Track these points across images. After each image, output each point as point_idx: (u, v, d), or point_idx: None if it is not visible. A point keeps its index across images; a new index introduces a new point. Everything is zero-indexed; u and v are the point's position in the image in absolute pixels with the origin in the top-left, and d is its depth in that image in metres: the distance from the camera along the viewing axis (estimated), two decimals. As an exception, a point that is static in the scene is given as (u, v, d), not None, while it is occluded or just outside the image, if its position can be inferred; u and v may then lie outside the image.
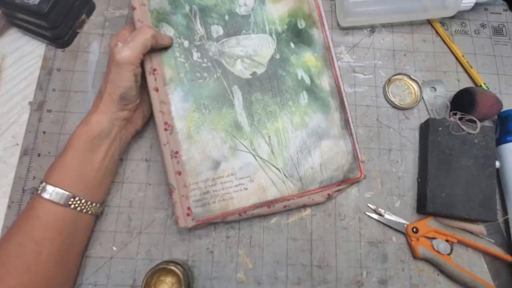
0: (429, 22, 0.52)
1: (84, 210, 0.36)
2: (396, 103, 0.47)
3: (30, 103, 0.45)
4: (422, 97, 0.48)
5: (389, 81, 0.48)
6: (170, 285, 0.36)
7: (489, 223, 0.42)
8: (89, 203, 0.36)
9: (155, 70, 0.38)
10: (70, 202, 0.35)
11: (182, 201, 0.38)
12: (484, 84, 0.48)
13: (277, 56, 0.41)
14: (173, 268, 0.35)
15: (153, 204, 0.42)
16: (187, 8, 0.40)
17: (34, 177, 0.42)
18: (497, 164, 0.42)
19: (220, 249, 0.41)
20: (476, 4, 0.49)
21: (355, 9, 0.48)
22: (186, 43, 0.39)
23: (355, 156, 0.42)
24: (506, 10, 0.54)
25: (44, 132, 0.44)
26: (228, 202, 0.38)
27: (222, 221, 0.39)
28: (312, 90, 0.42)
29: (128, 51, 0.34)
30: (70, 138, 0.36)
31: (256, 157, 0.39)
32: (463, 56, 0.49)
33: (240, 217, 0.39)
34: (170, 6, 0.40)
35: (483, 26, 0.53)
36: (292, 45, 0.42)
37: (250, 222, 0.42)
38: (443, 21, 0.52)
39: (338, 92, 0.43)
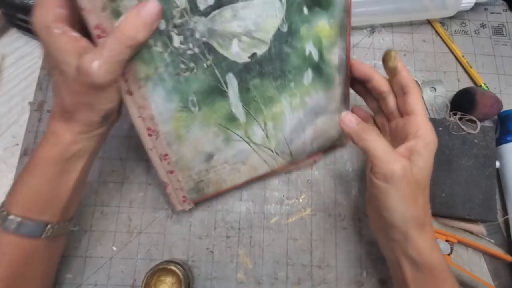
0: (429, 22, 0.52)
1: (58, 235, 0.31)
2: (396, 103, 0.47)
3: (30, 103, 0.45)
4: (422, 97, 0.48)
5: (389, 81, 0.48)
6: (170, 285, 0.36)
7: (489, 223, 0.42)
8: (61, 225, 0.31)
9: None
10: (41, 232, 0.29)
11: (176, 193, 0.38)
12: (484, 84, 0.48)
13: (284, 29, 0.32)
14: (173, 268, 0.35)
15: (153, 204, 0.42)
16: None
17: (34, 177, 0.42)
18: (497, 164, 0.42)
19: (220, 249, 0.41)
20: (476, 4, 0.49)
21: (355, 9, 0.48)
22: (162, 24, 0.27)
23: None
24: (506, 10, 0.54)
25: (44, 133, 0.44)
26: (221, 184, 0.39)
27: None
28: (318, 67, 0.35)
29: (110, 68, 0.24)
30: (33, 159, 0.29)
31: (250, 143, 0.38)
32: (463, 56, 0.49)
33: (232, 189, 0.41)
34: None
35: (483, 26, 0.53)
36: (305, 10, 0.32)
37: (250, 222, 0.42)
38: (443, 21, 0.52)
39: (346, 65, 0.37)
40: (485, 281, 0.40)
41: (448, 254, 0.40)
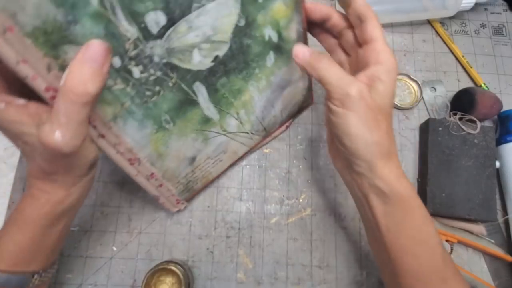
0: (429, 22, 0.52)
1: (45, 281, 0.30)
2: (396, 103, 0.47)
3: (30, 103, 0.45)
4: (422, 97, 0.48)
5: (389, 81, 0.48)
6: (170, 285, 0.36)
7: (489, 223, 0.42)
8: (48, 271, 0.30)
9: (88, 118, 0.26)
10: (29, 282, 0.28)
11: (169, 199, 0.38)
12: (484, 84, 0.48)
13: (242, 23, 0.30)
14: (173, 268, 0.35)
15: (153, 204, 0.42)
16: (94, 1, 0.21)
17: (34, 177, 0.42)
18: (497, 164, 0.42)
19: (220, 249, 0.41)
20: (476, 4, 0.49)
21: (355, 9, 0.48)
22: (116, 61, 0.24)
23: (309, 87, 0.43)
24: (506, 10, 0.54)
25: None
26: (208, 176, 0.41)
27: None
28: (279, 46, 0.35)
29: (75, 133, 0.22)
30: (21, 215, 0.27)
31: (227, 134, 0.38)
32: (463, 56, 0.49)
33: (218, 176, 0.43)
34: (62, 11, 0.20)
35: (483, 26, 0.53)
36: None
37: (250, 222, 0.42)
38: (443, 21, 0.52)
39: (303, 36, 0.36)
40: (485, 281, 0.40)
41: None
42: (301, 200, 0.44)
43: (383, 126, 0.28)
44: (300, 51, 0.30)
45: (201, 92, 0.32)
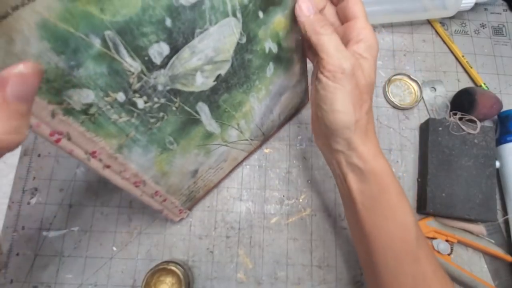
0: (429, 22, 0.52)
1: None
2: (396, 103, 0.47)
3: (30, 103, 0.45)
4: (422, 97, 0.48)
5: (389, 81, 0.48)
6: (170, 285, 0.36)
7: (489, 223, 0.42)
8: None
9: (93, 152, 0.26)
10: None
11: (173, 211, 0.39)
12: (484, 84, 0.48)
13: (243, 41, 0.30)
14: (173, 268, 0.35)
15: (153, 204, 0.42)
16: (96, 41, 0.20)
17: (34, 177, 0.42)
18: (497, 164, 0.42)
19: (220, 249, 0.41)
20: (476, 4, 0.49)
21: (355, 9, 0.48)
22: (120, 96, 0.24)
23: (306, 89, 0.43)
24: (506, 10, 0.54)
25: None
26: (210, 184, 0.41)
27: None
28: (278, 57, 0.35)
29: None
30: None
31: (228, 144, 0.38)
32: (463, 56, 0.49)
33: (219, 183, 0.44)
34: (63, 58, 0.19)
35: (483, 26, 0.53)
36: (260, 14, 0.30)
37: (250, 222, 0.42)
38: (443, 21, 0.52)
39: (302, 43, 0.36)
40: (485, 281, 0.40)
41: (448, 254, 0.40)
42: (301, 200, 0.44)
43: (366, 105, 0.29)
44: (305, 7, 0.29)
45: (203, 111, 0.32)
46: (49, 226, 0.41)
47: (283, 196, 0.44)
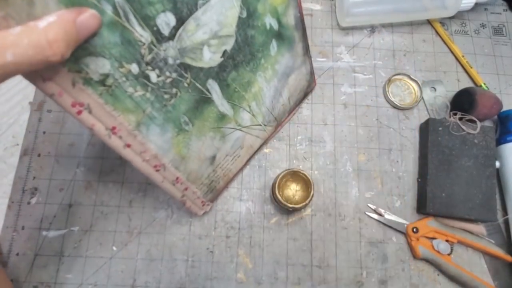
0: (429, 22, 0.52)
1: None
2: (396, 103, 0.47)
3: (30, 103, 0.45)
4: (422, 97, 0.48)
5: (389, 81, 0.48)
6: (294, 192, 0.41)
7: (489, 223, 0.42)
8: None
9: (114, 128, 0.27)
10: None
11: (195, 202, 0.39)
12: (484, 84, 0.48)
13: (244, 15, 0.32)
14: (301, 174, 0.40)
15: (153, 204, 0.42)
16: (108, 8, 0.22)
17: (34, 177, 0.42)
18: (497, 164, 0.42)
19: (220, 249, 0.41)
20: (476, 4, 0.49)
21: (355, 9, 0.48)
22: (134, 68, 0.26)
23: (312, 72, 0.45)
24: (506, 10, 0.54)
25: (44, 132, 0.44)
26: (229, 174, 0.42)
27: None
28: (280, 34, 0.37)
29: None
30: None
31: (242, 129, 0.40)
32: (463, 56, 0.49)
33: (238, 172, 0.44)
34: None
35: (483, 26, 0.53)
36: None
37: (250, 222, 0.42)
38: (443, 21, 0.52)
39: (301, 20, 0.38)
40: (485, 281, 0.40)
41: (448, 254, 0.40)
42: (301, 200, 0.43)
43: None
44: None
45: (214, 89, 0.33)
46: (49, 226, 0.41)
47: (283, 196, 0.44)
